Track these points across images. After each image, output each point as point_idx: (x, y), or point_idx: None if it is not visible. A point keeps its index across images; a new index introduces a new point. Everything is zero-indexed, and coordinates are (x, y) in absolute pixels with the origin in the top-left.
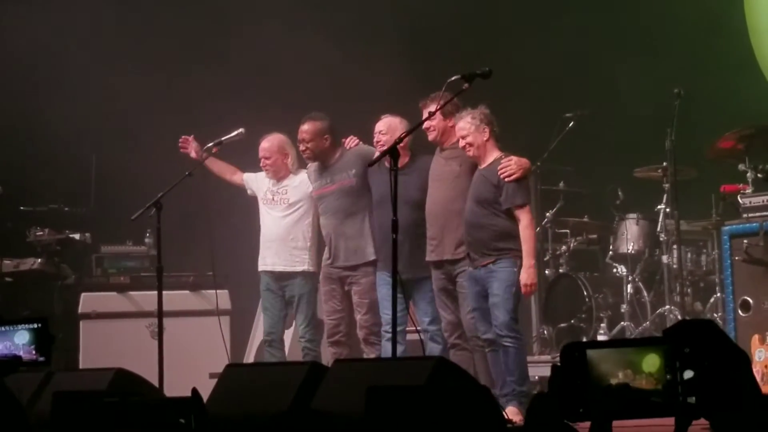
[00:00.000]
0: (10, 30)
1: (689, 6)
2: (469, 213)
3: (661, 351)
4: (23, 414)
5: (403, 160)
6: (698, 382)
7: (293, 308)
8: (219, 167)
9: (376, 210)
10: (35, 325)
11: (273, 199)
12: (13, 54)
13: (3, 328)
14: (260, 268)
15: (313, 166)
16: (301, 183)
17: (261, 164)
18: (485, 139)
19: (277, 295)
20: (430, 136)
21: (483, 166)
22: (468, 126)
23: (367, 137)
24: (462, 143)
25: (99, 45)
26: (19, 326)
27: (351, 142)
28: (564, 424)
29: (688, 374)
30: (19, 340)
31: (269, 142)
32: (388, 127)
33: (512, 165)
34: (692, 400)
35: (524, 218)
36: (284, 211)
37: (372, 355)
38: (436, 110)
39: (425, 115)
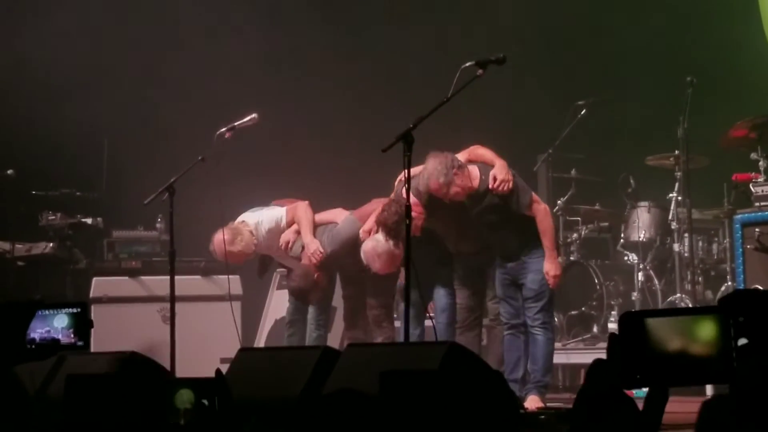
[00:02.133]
0: (24, 18)
1: None
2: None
3: (717, 318)
4: (29, 404)
5: None
6: (752, 350)
7: None
8: None
9: None
10: (74, 310)
11: None
12: (26, 41)
13: (43, 312)
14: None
15: None
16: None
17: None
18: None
19: None
20: None
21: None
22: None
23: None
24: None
25: (110, 30)
26: (59, 310)
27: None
28: (620, 391)
29: (743, 342)
30: (59, 324)
31: (214, 246)
32: None
33: (500, 181)
34: None
35: (538, 211)
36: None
37: (380, 338)
38: (450, 97)
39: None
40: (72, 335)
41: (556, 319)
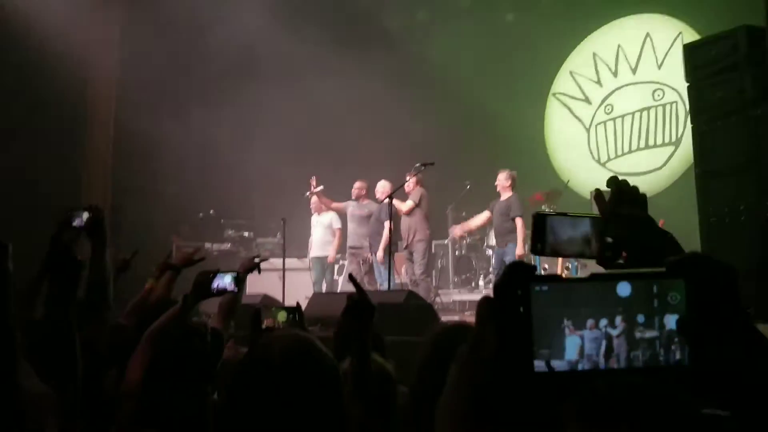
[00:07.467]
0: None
1: None
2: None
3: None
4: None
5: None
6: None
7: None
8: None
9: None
10: (234, 274)
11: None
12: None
13: (221, 274)
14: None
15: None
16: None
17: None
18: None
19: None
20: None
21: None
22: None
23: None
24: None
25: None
26: (225, 274)
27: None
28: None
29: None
30: (227, 280)
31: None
32: (382, 188)
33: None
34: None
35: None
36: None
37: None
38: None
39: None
40: (233, 285)
41: None
